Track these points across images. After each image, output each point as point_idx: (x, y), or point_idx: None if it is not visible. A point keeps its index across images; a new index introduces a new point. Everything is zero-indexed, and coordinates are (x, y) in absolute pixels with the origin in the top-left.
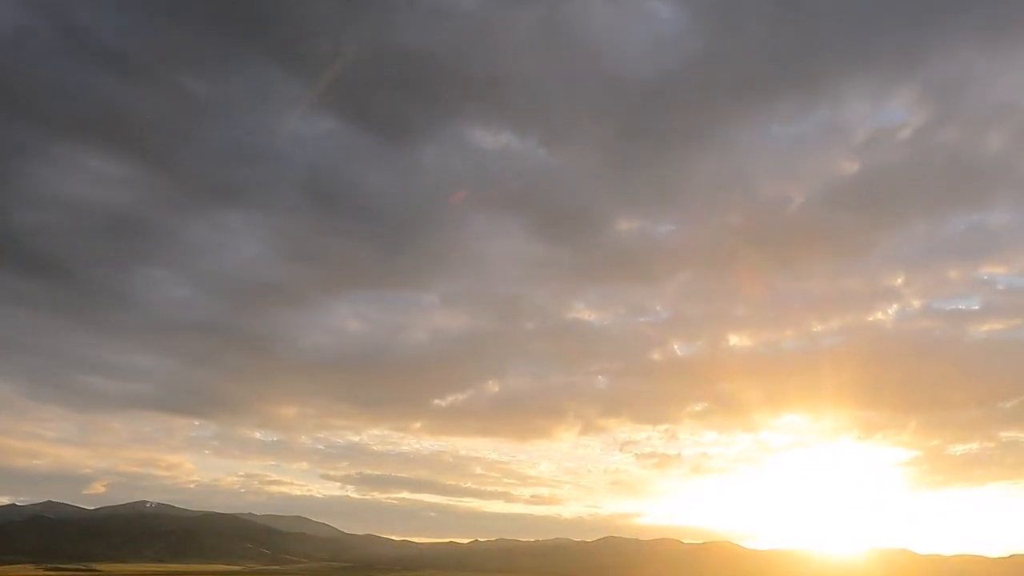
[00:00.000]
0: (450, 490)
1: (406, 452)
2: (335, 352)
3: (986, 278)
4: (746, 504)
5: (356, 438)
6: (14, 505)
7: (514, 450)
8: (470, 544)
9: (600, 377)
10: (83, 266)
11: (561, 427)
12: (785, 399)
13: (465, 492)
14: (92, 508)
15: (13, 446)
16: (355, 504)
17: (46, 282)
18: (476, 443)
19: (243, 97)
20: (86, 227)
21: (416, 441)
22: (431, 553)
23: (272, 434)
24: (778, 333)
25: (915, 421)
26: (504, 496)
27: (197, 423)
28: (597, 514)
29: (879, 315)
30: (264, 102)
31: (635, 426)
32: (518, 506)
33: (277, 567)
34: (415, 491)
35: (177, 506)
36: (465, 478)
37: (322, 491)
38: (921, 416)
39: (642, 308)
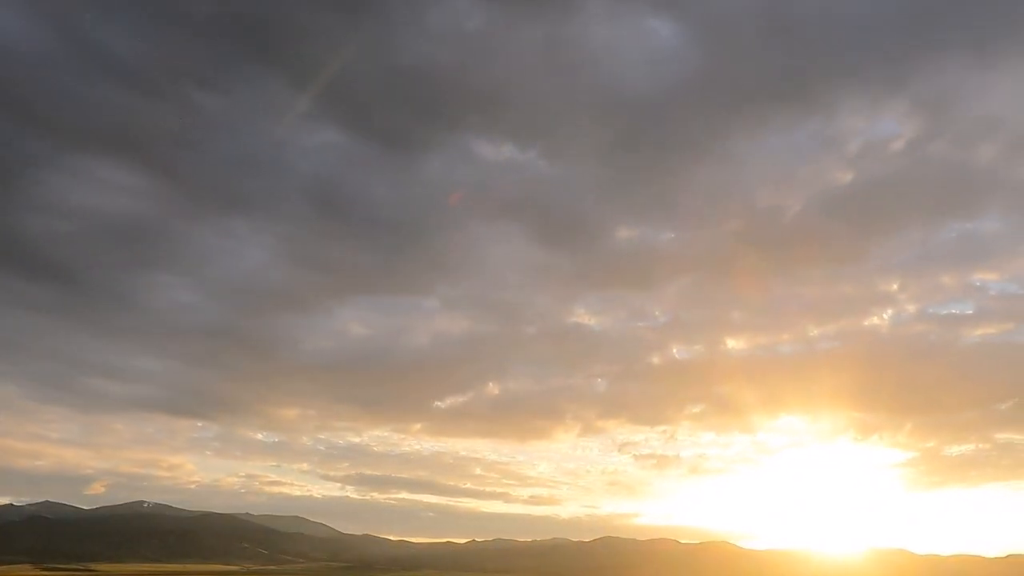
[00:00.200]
0: (449, 490)
1: (406, 453)
2: (337, 355)
3: (979, 284)
4: (744, 504)
5: (357, 439)
6: (12, 505)
7: (513, 451)
8: (467, 544)
9: (599, 379)
10: (90, 271)
11: (560, 428)
12: (782, 401)
13: (464, 493)
14: (90, 508)
15: (15, 447)
16: (353, 504)
17: (53, 286)
18: (476, 444)
19: (250, 110)
20: (94, 233)
21: (416, 442)
22: (428, 553)
23: (273, 435)
24: (775, 337)
25: (911, 423)
26: (503, 497)
27: (200, 424)
28: (595, 514)
29: (875, 320)
30: (271, 115)
31: (634, 427)
32: (516, 506)
33: (274, 567)
34: (414, 491)
35: (175, 506)
36: (464, 479)
37: (321, 491)
38: (917, 418)
39: (641, 313)
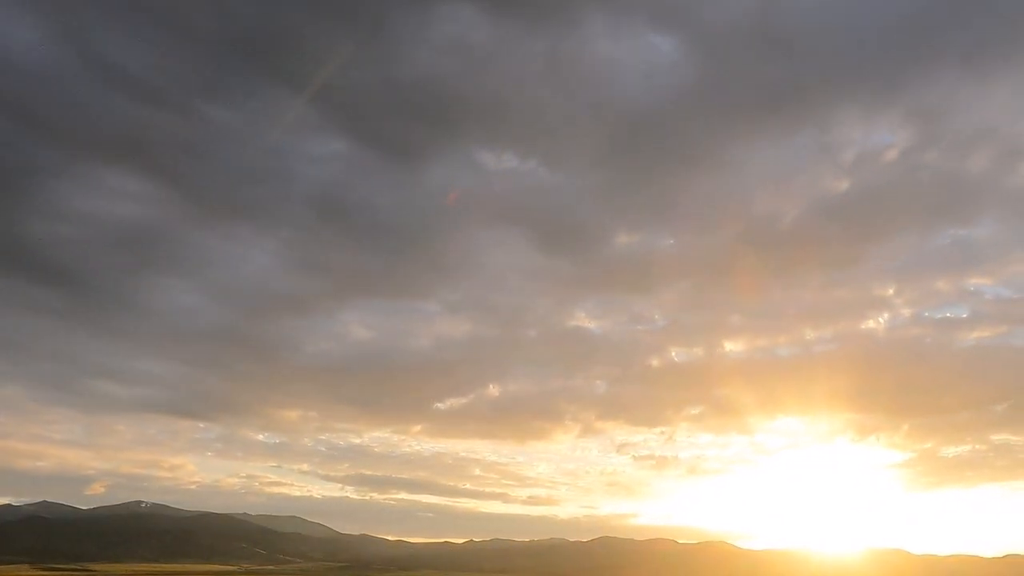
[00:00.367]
0: (448, 491)
1: (406, 454)
2: (339, 358)
3: (973, 289)
4: (741, 505)
5: (357, 440)
6: (10, 505)
7: (513, 452)
8: (465, 544)
9: (599, 381)
10: (96, 275)
11: (560, 429)
12: (780, 403)
13: (463, 493)
14: (88, 508)
15: (16, 448)
16: (352, 504)
17: (60, 290)
18: (476, 445)
19: (256, 120)
20: (100, 238)
21: (416, 443)
22: (426, 553)
23: (274, 436)
24: (773, 339)
25: (908, 424)
26: (502, 497)
27: (202, 426)
28: (593, 515)
29: (871, 323)
30: (276, 125)
31: (633, 429)
32: (515, 507)
33: (272, 567)
34: (413, 492)
35: (172, 506)
36: (463, 479)
37: (321, 492)
38: (914, 419)
39: (640, 316)
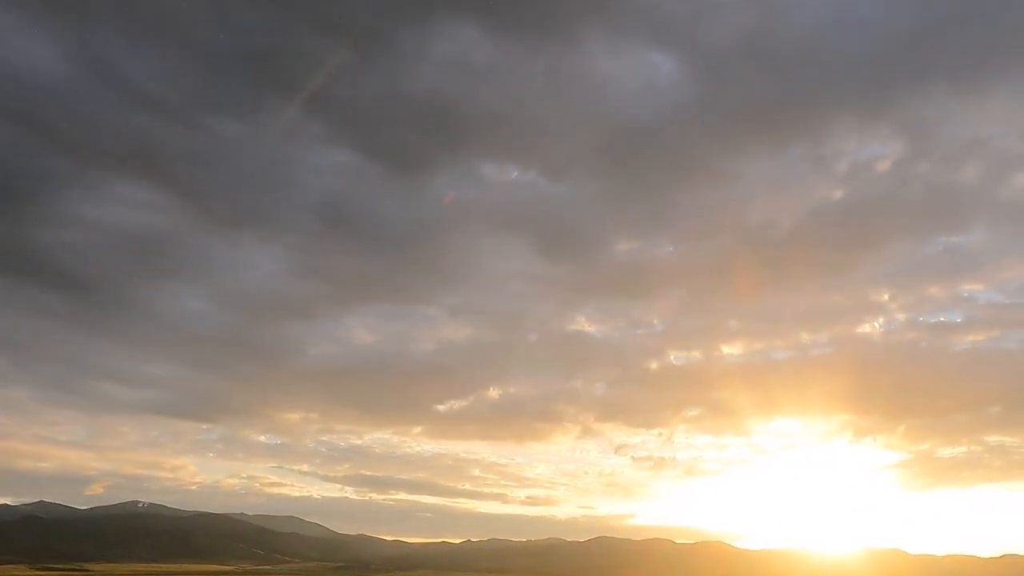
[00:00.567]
0: (447, 491)
1: (407, 455)
2: (342, 361)
3: (966, 295)
4: (739, 505)
5: (358, 441)
6: (7, 505)
7: (512, 453)
8: (462, 544)
9: (598, 384)
10: (104, 281)
11: (559, 431)
12: (777, 405)
13: (461, 493)
14: (85, 508)
15: (19, 449)
16: (350, 504)
17: (68, 295)
18: (475, 446)
19: (264, 134)
20: (109, 245)
21: (417, 444)
22: (423, 553)
23: (276, 438)
24: (770, 343)
25: (904, 425)
26: (500, 498)
27: (204, 427)
28: (591, 515)
29: (867, 328)
30: (284, 138)
31: (631, 430)
32: (513, 507)
33: (269, 567)
34: (413, 492)
35: (170, 506)
36: (462, 480)
37: (321, 492)
38: (910, 421)
39: (640, 321)
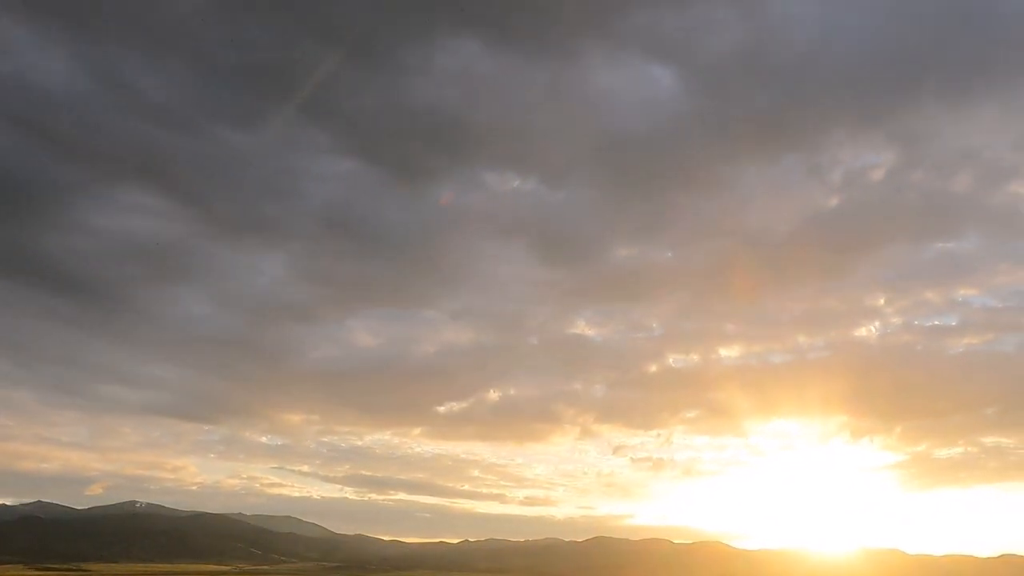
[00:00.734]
0: (446, 492)
1: (407, 455)
2: (344, 363)
3: (961, 299)
4: (737, 505)
5: (359, 442)
6: (5, 505)
7: (512, 453)
8: (460, 544)
9: (598, 386)
10: (111, 285)
11: (558, 432)
12: (775, 406)
13: (460, 494)
14: (83, 508)
15: (22, 450)
16: (349, 505)
17: (75, 299)
18: (475, 447)
19: (269, 143)
20: (116, 251)
21: (417, 445)
22: (420, 553)
23: (277, 439)
24: (767, 346)
25: (901, 427)
26: (499, 498)
27: (206, 428)
28: (590, 515)
29: (863, 331)
30: (290, 148)
31: (630, 431)
32: (512, 507)
33: (267, 567)
34: (412, 493)
35: (168, 506)
36: (462, 480)
37: (320, 493)
38: (907, 422)
39: (639, 325)
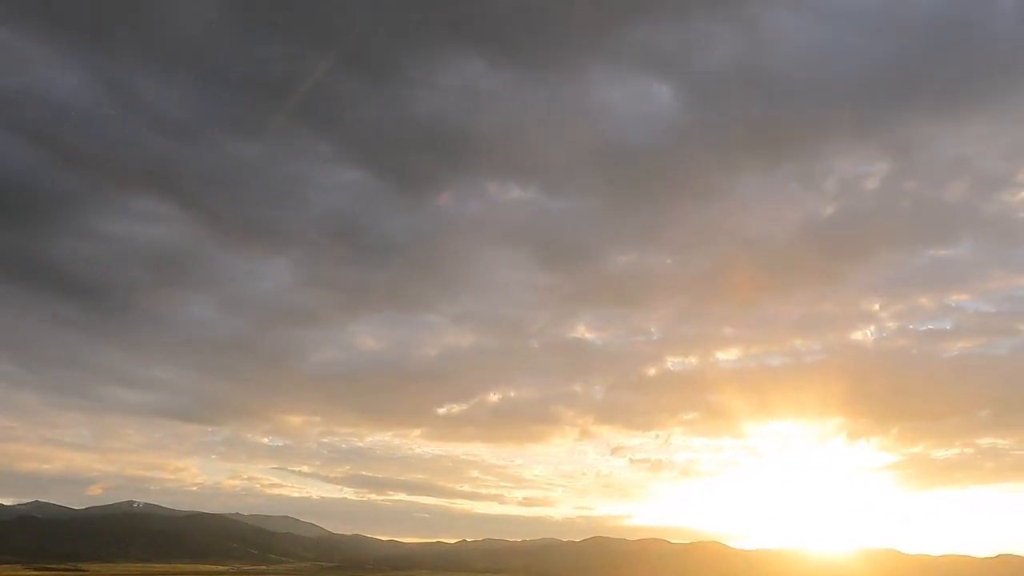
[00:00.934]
0: (445, 492)
1: (407, 456)
2: (346, 366)
3: (954, 304)
4: (734, 506)
5: (360, 443)
6: (3, 505)
7: (512, 454)
8: (457, 544)
9: (597, 388)
10: (118, 290)
11: (558, 434)
12: (772, 408)
13: (459, 494)
14: (81, 508)
15: (25, 451)
16: (348, 505)
17: (83, 304)
18: (475, 448)
19: (276, 154)
20: (123, 257)
21: (417, 446)
22: (417, 553)
23: (279, 440)
24: (764, 349)
25: (898, 428)
26: (498, 499)
27: (209, 429)
28: (588, 515)
29: (859, 335)
30: (295, 158)
31: (629, 433)
32: (510, 507)
33: (265, 567)
34: (411, 493)
35: (165, 506)
36: (461, 481)
37: (320, 493)
38: (903, 423)
39: (638, 329)
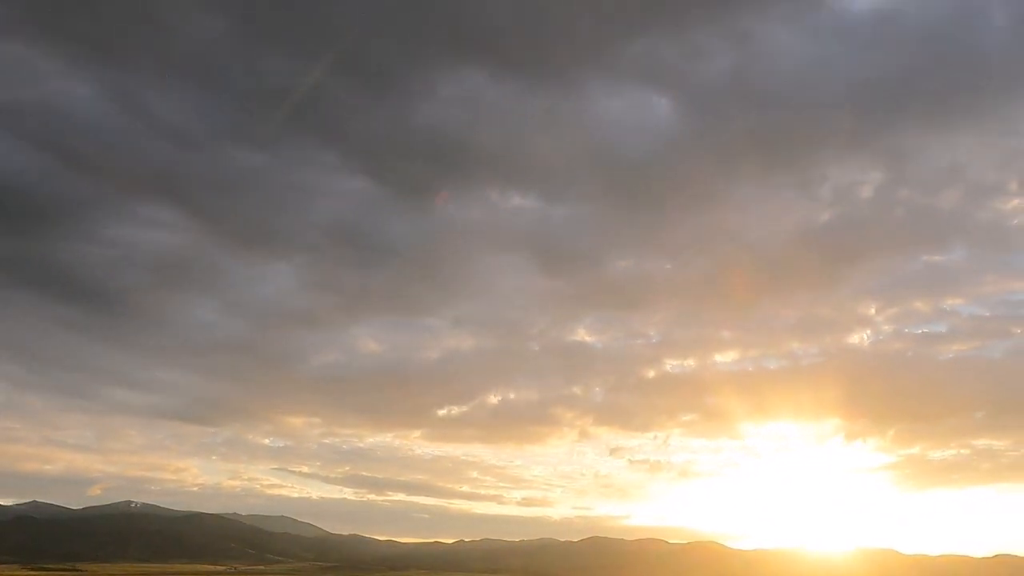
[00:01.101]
0: (444, 493)
1: (407, 457)
2: (348, 369)
3: (949, 308)
4: (732, 506)
5: (360, 444)
6: (1, 505)
7: (511, 455)
8: (455, 544)
9: (597, 390)
10: (123, 294)
11: (557, 435)
12: (770, 410)
13: (458, 495)
14: (78, 508)
15: (27, 452)
16: (347, 505)
17: (89, 307)
18: (475, 449)
19: (282, 162)
20: (129, 262)
21: (418, 447)
22: (415, 553)
23: (280, 441)
24: (762, 352)
25: (894, 429)
26: (496, 499)
27: (211, 430)
28: (586, 516)
29: (855, 338)
30: (300, 166)
31: (628, 434)
32: (509, 508)
33: (262, 567)
34: (411, 494)
35: (163, 506)
36: (460, 482)
37: (319, 493)
38: (900, 425)
39: (637, 332)
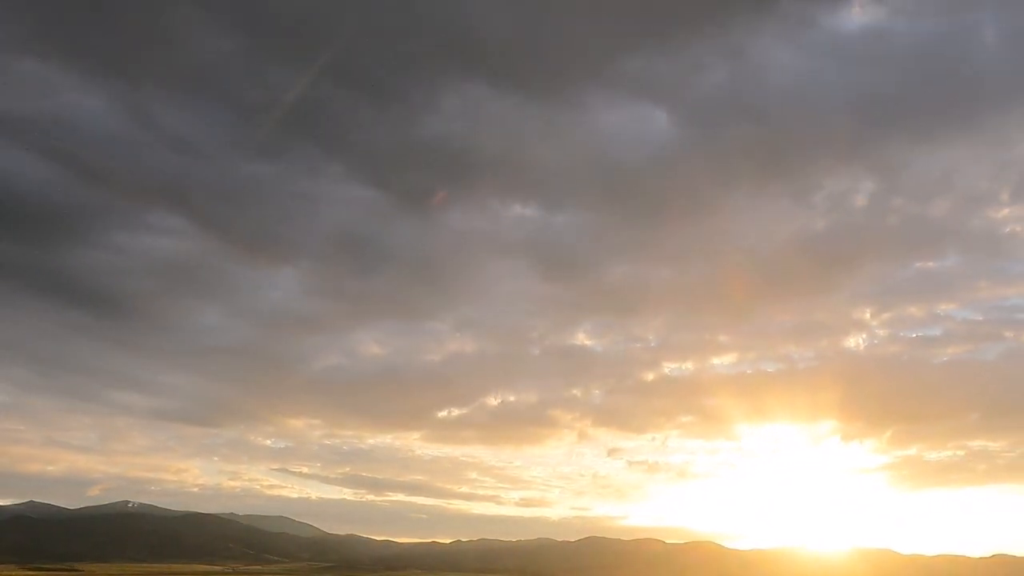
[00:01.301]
0: (443, 493)
1: (407, 458)
2: (349, 372)
3: (942, 313)
4: (729, 507)
5: (361, 445)
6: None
7: (511, 456)
8: (452, 544)
9: (596, 392)
10: (130, 300)
11: (556, 436)
12: (767, 412)
13: (457, 495)
14: (75, 508)
15: (31, 453)
16: (345, 505)
17: (96, 312)
18: (475, 450)
19: (288, 172)
20: (136, 268)
21: (418, 448)
22: (412, 553)
23: (281, 442)
24: (759, 355)
25: (891, 431)
26: (495, 499)
27: (213, 432)
28: (584, 516)
29: (851, 342)
30: (306, 176)
31: (626, 435)
32: (507, 508)
33: (260, 567)
34: (410, 494)
35: (160, 506)
36: (459, 482)
37: (319, 494)
38: (896, 426)
39: (636, 336)
